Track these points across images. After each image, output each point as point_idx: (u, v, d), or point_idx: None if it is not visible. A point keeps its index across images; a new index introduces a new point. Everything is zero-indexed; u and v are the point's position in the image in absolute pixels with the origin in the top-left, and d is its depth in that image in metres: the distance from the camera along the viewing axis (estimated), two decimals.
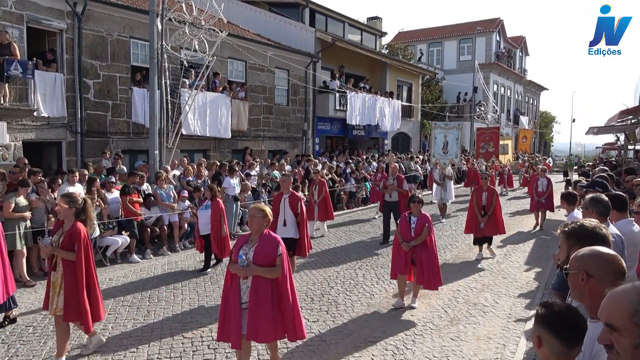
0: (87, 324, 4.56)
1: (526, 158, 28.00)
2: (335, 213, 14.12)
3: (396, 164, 11.79)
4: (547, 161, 26.52)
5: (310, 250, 7.70)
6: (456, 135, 16.23)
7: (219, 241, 7.83)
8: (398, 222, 6.79)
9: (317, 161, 15.91)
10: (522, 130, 33.91)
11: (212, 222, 7.82)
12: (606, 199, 3.64)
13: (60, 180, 8.72)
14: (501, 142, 23.57)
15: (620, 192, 4.67)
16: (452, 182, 14.53)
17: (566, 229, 2.52)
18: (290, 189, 7.35)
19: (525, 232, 12.09)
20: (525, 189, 19.52)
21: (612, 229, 3.19)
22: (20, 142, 10.70)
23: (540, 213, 12.31)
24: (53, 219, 7.04)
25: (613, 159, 25.99)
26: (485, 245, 9.22)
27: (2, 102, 9.72)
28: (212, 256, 8.20)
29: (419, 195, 6.67)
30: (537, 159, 29.99)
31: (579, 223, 2.52)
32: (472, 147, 27.60)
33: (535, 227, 12.26)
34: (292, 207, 7.07)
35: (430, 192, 16.63)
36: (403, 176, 11.20)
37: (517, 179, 23.74)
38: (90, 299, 4.57)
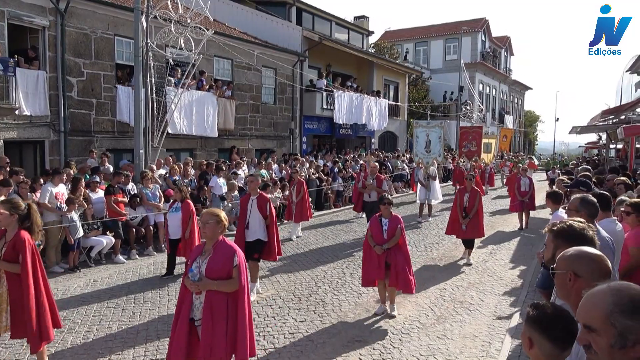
0: (34, 342, 4.12)
1: (510, 156, 28.29)
2: (322, 212, 14.19)
3: (376, 164, 11.71)
4: (532, 160, 26.76)
5: (280, 255, 7.28)
6: (439, 133, 16.17)
7: (185, 244, 7.41)
8: (368, 225, 6.40)
9: (304, 160, 15.90)
10: (503, 129, 34.31)
11: (183, 225, 7.39)
12: (595, 200, 3.65)
13: (42, 180, 8.56)
14: (485, 141, 23.82)
15: (604, 192, 4.74)
16: (436, 181, 14.40)
17: (554, 228, 2.51)
18: (259, 190, 6.93)
19: (509, 231, 12.21)
20: (507, 188, 19.58)
21: (602, 232, 3.19)
22: (2, 141, 10.48)
23: (524, 213, 12.36)
24: None
25: (595, 157, 26.42)
26: (467, 251, 8.99)
27: None
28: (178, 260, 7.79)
29: (388, 197, 6.53)
30: (520, 157, 30.36)
31: (568, 223, 2.50)
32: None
33: (520, 229, 12.18)
34: (261, 209, 6.68)
35: (412, 192, 16.67)
36: (382, 176, 11.15)
37: (499, 177, 23.95)
38: (38, 315, 4.12)
